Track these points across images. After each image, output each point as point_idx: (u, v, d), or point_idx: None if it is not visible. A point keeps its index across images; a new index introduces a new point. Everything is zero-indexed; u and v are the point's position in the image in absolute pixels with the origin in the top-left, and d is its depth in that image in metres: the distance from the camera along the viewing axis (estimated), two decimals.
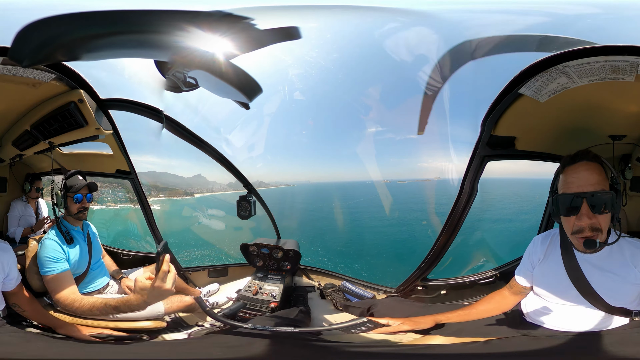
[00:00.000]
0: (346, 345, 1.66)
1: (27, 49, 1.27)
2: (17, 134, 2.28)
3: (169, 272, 1.53)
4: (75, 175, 2.16)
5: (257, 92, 1.85)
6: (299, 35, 1.74)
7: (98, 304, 1.89)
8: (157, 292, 1.54)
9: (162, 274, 1.51)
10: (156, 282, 1.52)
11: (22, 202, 2.85)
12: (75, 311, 1.92)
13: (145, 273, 1.61)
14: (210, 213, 4.12)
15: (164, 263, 1.52)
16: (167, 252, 1.56)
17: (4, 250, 1.82)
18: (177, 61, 1.75)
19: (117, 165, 2.72)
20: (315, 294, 2.74)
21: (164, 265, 1.52)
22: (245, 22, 1.61)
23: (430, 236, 2.41)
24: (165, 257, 1.53)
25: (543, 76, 1.64)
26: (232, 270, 3.11)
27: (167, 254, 1.55)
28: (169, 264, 1.54)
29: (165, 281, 1.51)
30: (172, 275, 1.54)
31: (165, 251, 1.55)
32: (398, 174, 3.17)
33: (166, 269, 1.52)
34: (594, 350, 1.41)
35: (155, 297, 1.57)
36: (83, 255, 2.15)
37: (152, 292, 1.55)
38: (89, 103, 2.13)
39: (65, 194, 2.11)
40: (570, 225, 1.48)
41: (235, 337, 1.71)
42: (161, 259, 1.53)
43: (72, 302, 1.93)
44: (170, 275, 1.53)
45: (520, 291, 1.75)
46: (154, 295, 1.56)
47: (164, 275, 1.51)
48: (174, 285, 1.54)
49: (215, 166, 2.86)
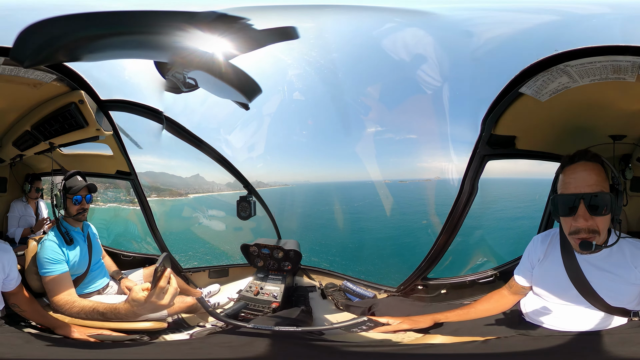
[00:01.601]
0: (347, 344, 1.67)
1: (28, 50, 1.27)
2: (17, 134, 2.27)
3: (169, 288, 1.45)
4: (74, 176, 2.15)
5: (256, 92, 1.85)
6: (297, 35, 1.74)
7: (87, 309, 1.86)
8: (151, 306, 1.46)
9: (159, 290, 1.43)
10: (151, 297, 1.44)
11: (22, 202, 2.85)
12: (64, 313, 1.92)
13: (144, 284, 1.55)
14: (210, 214, 4.13)
15: (162, 279, 1.43)
16: (168, 266, 1.47)
17: (5, 251, 1.82)
18: (177, 62, 1.75)
19: (117, 166, 2.72)
20: (316, 294, 2.75)
21: (162, 281, 1.43)
22: (244, 22, 1.61)
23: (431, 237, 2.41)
24: (165, 273, 1.45)
25: (544, 75, 1.64)
26: (233, 271, 3.11)
27: (168, 267, 1.47)
28: (169, 279, 1.45)
29: (162, 298, 1.44)
30: (172, 290, 1.46)
31: (165, 265, 1.45)
32: (398, 174, 3.17)
33: (164, 285, 1.43)
34: (593, 350, 1.40)
35: (148, 310, 1.50)
36: (83, 256, 2.14)
37: (144, 306, 1.48)
38: (90, 104, 2.13)
39: (64, 195, 2.10)
40: (567, 226, 1.48)
41: (237, 337, 1.70)
42: (159, 274, 1.43)
43: (64, 304, 1.93)
44: (170, 290, 1.45)
45: (520, 291, 1.75)
46: (147, 308, 1.49)
47: (161, 291, 1.43)
48: (173, 300, 1.46)
49: (212, 167, 2.86)
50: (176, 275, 1.53)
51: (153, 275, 1.44)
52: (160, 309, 1.47)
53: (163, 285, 1.43)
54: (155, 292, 1.43)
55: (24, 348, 1.61)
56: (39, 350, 1.62)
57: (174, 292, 1.46)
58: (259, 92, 1.84)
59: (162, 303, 1.44)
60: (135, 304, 1.50)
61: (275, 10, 1.89)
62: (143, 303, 1.46)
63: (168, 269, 1.47)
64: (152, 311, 1.51)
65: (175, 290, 1.48)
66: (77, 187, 2.11)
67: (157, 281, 1.43)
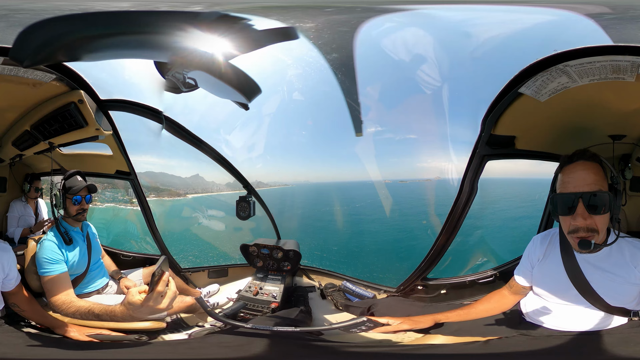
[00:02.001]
0: (347, 345, 1.67)
1: (28, 50, 1.27)
2: (17, 134, 2.27)
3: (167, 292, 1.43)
4: (74, 176, 2.14)
5: (256, 92, 1.85)
6: (297, 35, 1.74)
7: (83, 309, 1.85)
8: (148, 310, 1.43)
9: (157, 295, 1.40)
10: (148, 302, 1.41)
11: (22, 202, 2.84)
12: (61, 313, 1.92)
13: (142, 286, 1.51)
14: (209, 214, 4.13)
15: (160, 283, 1.41)
16: (166, 270, 1.44)
17: (4, 251, 1.82)
18: (177, 62, 1.75)
19: (117, 166, 2.72)
20: (315, 294, 2.74)
21: (160, 286, 1.41)
22: (244, 22, 1.61)
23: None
24: (163, 277, 1.41)
25: (543, 75, 1.65)
26: (232, 271, 3.11)
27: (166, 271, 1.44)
28: (167, 283, 1.43)
29: (160, 302, 1.42)
30: (170, 293, 1.44)
31: (163, 268, 1.42)
32: (398, 174, 3.18)
33: (162, 290, 1.41)
34: (593, 349, 1.41)
35: (145, 314, 1.48)
36: (82, 255, 2.14)
37: (140, 310, 1.45)
38: (89, 104, 2.13)
39: (64, 195, 2.10)
40: (566, 225, 1.48)
41: (236, 337, 1.70)
42: (157, 278, 1.40)
43: (61, 304, 1.93)
44: (169, 294, 1.43)
45: (520, 291, 1.75)
46: (143, 312, 1.46)
47: (158, 295, 1.41)
48: (172, 304, 1.44)
49: (212, 167, 2.85)
50: (175, 275, 1.53)
51: (150, 279, 1.42)
52: (158, 312, 1.45)
53: (161, 289, 1.41)
54: (153, 296, 1.41)
55: (24, 348, 1.61)
56: (39, 350, 1.63)
57: (172, 296, 1.44)
58: (258, 93, 1.84)
59: (160, 307, 1.42)
60: (131, 307, 1.48)
61: (275, 10, 1.90)
62: (139, 307, 1.44)
63: (166, 272, 1.44)
64: (149, 314, 1.48)
65: (174, 294, 1.45)
66: (77, 188, 2.11)
67: (154, 285, 1.41)
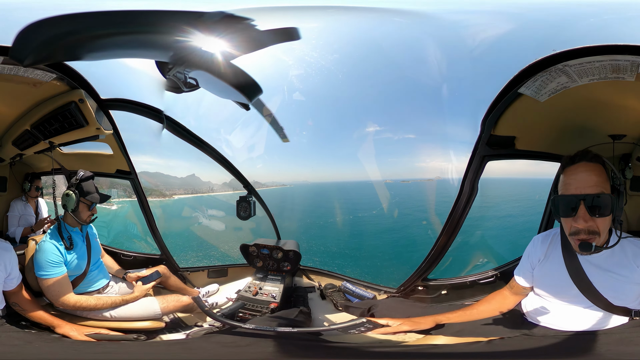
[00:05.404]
0: (346, 345, 1.66)
1: (28, 49, 1.27)
2: (17, 133, 2.28)
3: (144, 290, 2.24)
4: (90, 180, 2.10)
5: (256, 92, 1.85)
6: (299, 36, 1.74)
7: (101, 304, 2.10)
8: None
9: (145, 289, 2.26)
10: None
11: (22, 201, 2.85)
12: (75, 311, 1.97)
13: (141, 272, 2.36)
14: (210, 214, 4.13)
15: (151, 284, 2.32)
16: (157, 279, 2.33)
17: (6, 250, 1.82)
18: (178, 62, 1.75)
19: (117, 165, 2.72)
20: (315, 295, 2.74)
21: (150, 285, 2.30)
22: (245, 22, 1.61)
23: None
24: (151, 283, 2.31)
25: (543, 75, 1.64)
26: (232, 271, 3.11)
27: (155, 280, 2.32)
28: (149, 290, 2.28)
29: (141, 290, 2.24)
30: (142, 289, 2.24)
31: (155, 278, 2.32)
32: (399, 174, 3.16)
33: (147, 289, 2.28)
34: (594, 349, 1.40)
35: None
36: (82, 256, 2.13)
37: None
38: (90, 103, 2.13)
39: (79, 197, 2.06)
40: (568, 227, 1.47)
41: (234, 337, 1.70)
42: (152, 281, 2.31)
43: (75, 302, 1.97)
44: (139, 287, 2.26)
45: (521, 291, 1.75)
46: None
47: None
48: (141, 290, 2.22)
49: (211, 167, 2.85)
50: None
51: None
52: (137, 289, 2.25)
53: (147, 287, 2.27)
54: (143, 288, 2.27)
55: (24, 347, 1.62)
56: (39, 349, 1.63)
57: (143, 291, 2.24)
58: (259, 93, 1.84)
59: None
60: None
61: (277, 11, 1.90)
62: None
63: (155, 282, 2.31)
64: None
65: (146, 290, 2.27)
66: (96, 196, 2.08)
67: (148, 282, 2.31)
